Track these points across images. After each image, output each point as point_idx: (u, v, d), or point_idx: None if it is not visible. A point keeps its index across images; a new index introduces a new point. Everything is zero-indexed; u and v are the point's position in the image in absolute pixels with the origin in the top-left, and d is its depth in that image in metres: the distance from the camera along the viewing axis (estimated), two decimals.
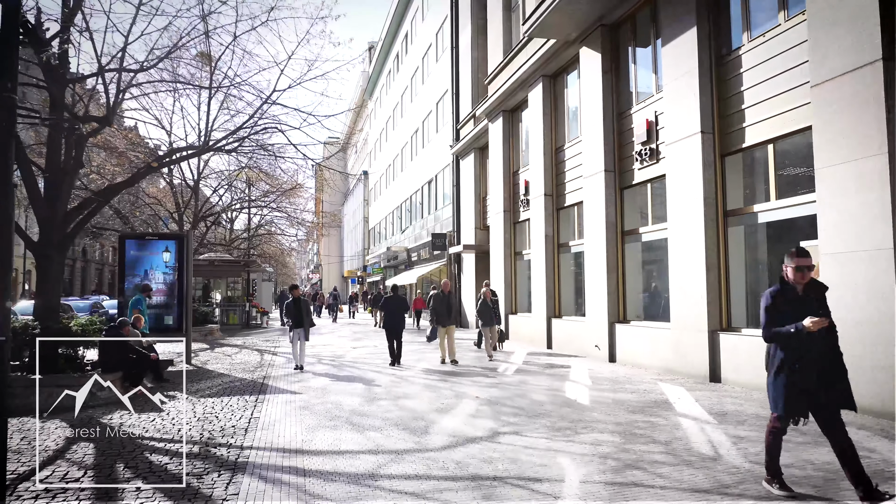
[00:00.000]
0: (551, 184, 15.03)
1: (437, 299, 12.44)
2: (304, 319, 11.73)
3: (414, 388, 9.34)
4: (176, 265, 12.73)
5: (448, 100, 26.19)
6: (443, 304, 12.29)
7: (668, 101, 10.32)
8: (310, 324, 12.11)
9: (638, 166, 11.51)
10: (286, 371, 11.51)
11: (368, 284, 50.59)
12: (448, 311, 12.26)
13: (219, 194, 21.99)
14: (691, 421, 6.70)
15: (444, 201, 27.12)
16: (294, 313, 11.80)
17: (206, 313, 20.77)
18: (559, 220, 15.00)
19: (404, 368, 11.71)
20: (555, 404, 7.78)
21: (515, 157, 17.90)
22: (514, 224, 17.77)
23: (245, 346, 16.86)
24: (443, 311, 12.24)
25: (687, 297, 9.64)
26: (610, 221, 12.12)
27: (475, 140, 21.86)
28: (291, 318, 11.87)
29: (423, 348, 15.47)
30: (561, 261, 14.93)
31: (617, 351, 11.83)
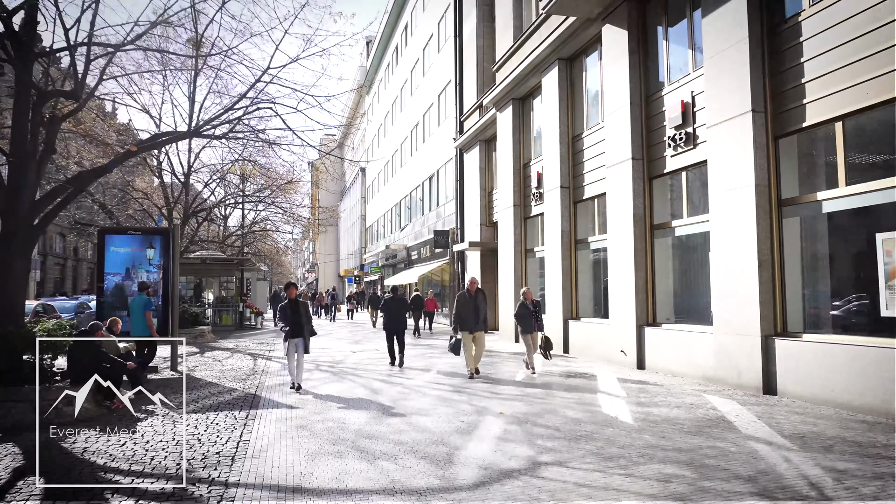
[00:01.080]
0: (568, 175, 13.93)
1: (461, 301, 10.26)
2: (303, 326, 9.35)
3: (426, 401, 8.22)
4: (161, 262, 11.62)
5: (451, 91, 25.08)
6: (468, 307, 10.18)
7: (709, 79, 9.22)
8: (310, 332, 9.57)
9: (671, 153, 10.42)
10: (281, 379, 10.37)
11: (366, 284, 49.44)
12: (475, 315, 10.14)
13: (210, 188, 20.78)
14: (766, 446, 5.60)
15: (446, 197, 26.00)
16: (291, 318, 9.30)
17: (197, 314, 19.59)
18: (576, 214, 13.90)
19: (412, 377, 10.60)
20: (595, 423, 6.68)
21: (526, 148, 16.80)
22: (525, 219, 16.67)
23: (237, 350, 15.71)
24: (468, 315, 10.14)
25: (733, 297, 8.55)
26: (637, 214, 11.02)
27: (481, 132, 20.76)
28: (287, 324, 9.28)
29: (428, 353, 14.35)
30: (579, 258, 13.83)
31: (646, 357, 10.74)
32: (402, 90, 35.98)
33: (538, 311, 10.68)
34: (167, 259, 11.56)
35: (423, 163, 30.00)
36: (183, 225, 19.74)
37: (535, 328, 10.53)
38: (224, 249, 29.33)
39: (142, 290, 10.37)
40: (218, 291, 25.78)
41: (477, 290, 10.36)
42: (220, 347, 16.43)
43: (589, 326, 12.80)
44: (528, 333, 10.48)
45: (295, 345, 9.33)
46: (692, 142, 9.88)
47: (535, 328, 10.53)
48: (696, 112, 9.85)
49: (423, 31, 30.37)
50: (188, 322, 19.02)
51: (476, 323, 10.18)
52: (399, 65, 37.00)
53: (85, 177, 9.87)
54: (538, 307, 10.77)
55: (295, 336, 9.30)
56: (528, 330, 10.48)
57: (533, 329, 10.51)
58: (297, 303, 9.53)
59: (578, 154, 13.72)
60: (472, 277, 10.66)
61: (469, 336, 10.16)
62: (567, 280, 13.72)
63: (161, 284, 11.54)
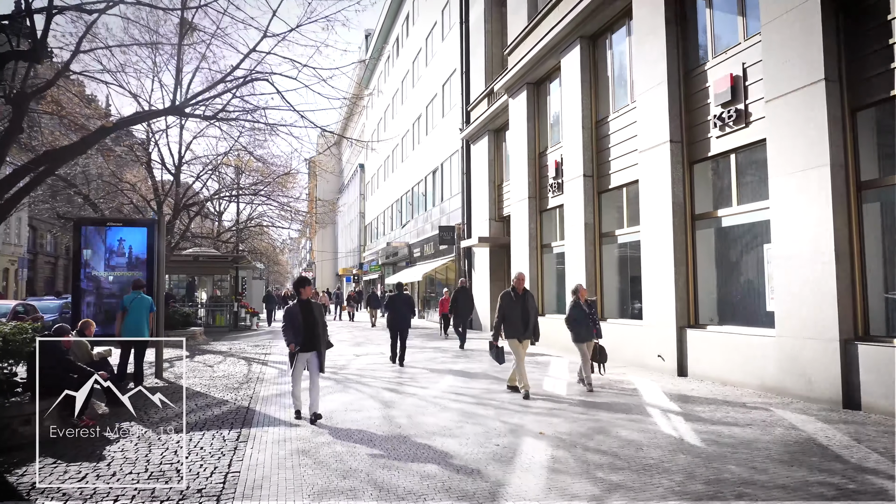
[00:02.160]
0: (591, 163, 12.77)
1: (506, 302, 8.23)
2: (318, 337, 6.94)
3: (448, 416, 7.05)
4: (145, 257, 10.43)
5: (456, 80, 23.92)
6: (515, 309, 8.15)
7: (767, 47, 8.07)
8: (326, 344, 7.16)
9: (716, 134, 9.27)
10: (278, 388, 9.19)
11: (364, 283, 48.25)
12: (524, 320, 8.17)
13: (202, 180, 19.56)
14: (889, 482, 4.46)
15: (451, 192, 24.83)
16: (303, 326, 6.85)
17: (188, 314, 18.38)
18: (601, 205, 12.74)
19: (426, 385, 9.44)
20: (659, 447, 5.52)
21: (542, 136, 15.63)
22: (541, 212, 15.52)
23: (231, 354, 14.52)
24: (516, 319, 8.16)
25: (802, 295, 7.40)
26: (677, 203, 9.87)
27: (489, 121, 19.59)
28: (297, 335, 6.84)
29: (440, 357, 13.16)
30: (604, 253, 12.68)
31: (688, 362, 9.59)
32: (403, 82, 34.80)
33: (594, 314, 8.88)
34: (152, 253, 10.38)
35: (426, 156, 28.83)
36: (173, 219, 18.51)
37: (592, 335, 8.73)
38: (218, 246, 28.13)
39: (138, 289, 9.18)
40: (211, 290, 24.57)
41: (525, 289, 8.39)
42: (213, 350, 15.24)
43: (617, 328, 11.63)
44: (584, 342, 8.60)
45: (305, 362, 6.94)
46: (744, 119, 8.73)
47: (592, 335, 8.73)
48: (748, 86, 8.70)
49: (426, 20, 29.19)
50: (179, 323, 17.81)
51: (525, 329, 8.19)
52: (400, 56, 35.81)
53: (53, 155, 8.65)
54: (594, 309, 8.96)
55: (307, 349, 6.88)
56: (584, 337, 8.61)
57: (590, 336, 8.69)
58: (310, 305, 7.04)
59: (603, 140, 12.56)
60: (519, 273, 8.56)
61: (516, 343, 8.23)
62: (591, 277, 12.56)
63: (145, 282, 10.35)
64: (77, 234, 10.19)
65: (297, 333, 6.82)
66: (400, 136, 36.24)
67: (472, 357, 13.01)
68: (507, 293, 8.34)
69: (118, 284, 10.19)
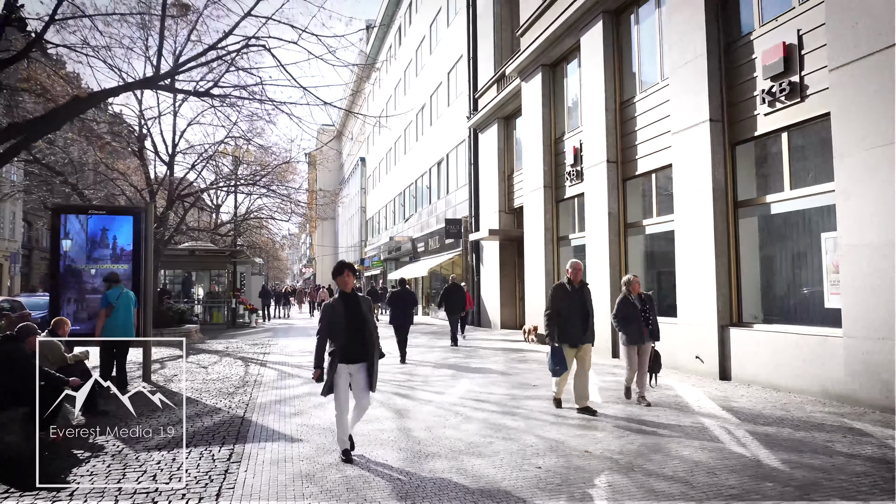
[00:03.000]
0: (615, 148, 11.82)
1: (559, 296, 6.72)
2: (368, 344, 5.07)
3: (472, 428, 6.13)
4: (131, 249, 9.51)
5: (463, 67, 22.94)
6: (573, 305, 6.64)
7: (829, 10, 7.13)
8: (379, 353, 5.23)
9: (764, 110, 8.33)
10: (277, 394, 8.27)
11: (366, 278, 47.34)
12: (583, 319, 6.68)
13: (196, 170, 18.57)
14: None
15: (457, 183, 23.88)
16: (346, 329, 5.01)
17: (183, 311, 17.45)
18: (626, 193, 11.80)
19: (441, 389, 8.52)
20: (734, 472, 4.60)
21: (559, 121, 14.68)
22: (558, 203, 14.57)
23: (227, 353, 13.60)
24: (573, 317, 6.63)
25: (879, 289, 6.47)
26: (718, 189, 8.93)
27: (499, 108, 18.63)
28: (338, 341, 4.99)
29: (451, 356, 12.24)
30: (630, 245, 11.74)
31: (731, 365, 8.67)
32: (405, 72, 33.80)
33: (650, 312, 7.15)
34: (139, 245, 9.45)
35: (430, 147, 27.86)
36: (167, 210, 17.56)
37: (644, 337, 7.11)
38: (216, 241, 27.22)
39: (114, 282, 8.24)
40: (209, 286, 23.65)
41: (583, 282, 6.87)
42: (208, 350, 14.32)
43: None
44: (636, 345, 7.04)
45: (351, 375, 5.05)
46: (799, 93, 7.78)
47: (644, 337, 7.11)
48: (804, 55, 7.75)
49: (430, 7, 28.19)
50: (173, 320, 16.90)
51: (584, 331, 6.67)
52: (402, 46, 34.80)
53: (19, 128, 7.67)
54: (649, 305, 7.20)
55: (351, 360, 4.99)
56: (636, 339, 7.02)
57: (643, 339, 7.07)
58: (356, 300, 5.13)
59: (629, 122, 11.61)
60: (574, 262, 6.84)
61: (572, 351, 6.66)
62: (616, 272, 11.62)
63: (131, 276, 9.43)
64: (56, 222, 9.27)
65: (336, 337, 4.99)
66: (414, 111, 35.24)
67: (482, 356, 12.09)
68: (560, 286, 6.83)
69: (101, 278, 9.26)
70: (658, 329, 7.27)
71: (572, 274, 6.81)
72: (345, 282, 5.13)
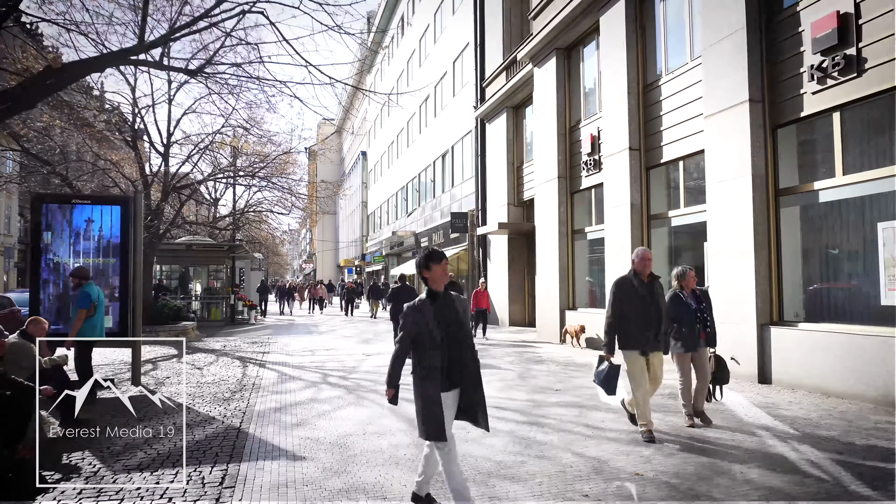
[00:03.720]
0: (638, 134, 11.07)
1: (624, 291, 5.45)
2: (468, 362, 3.65)
3: (499, 443, 5.39)
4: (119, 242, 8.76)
5: (469, 56, 22.15)
6: (643, 306, 5.39)
7: None
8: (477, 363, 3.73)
9: (813, 88, 7.57)
10: (277, 400, 7.55)
11: (367, 274, 46.64)
12: (655, 321, 5.42)
13: (192, 161, 17.78)
14: None
15: (463, 176, 23.13)
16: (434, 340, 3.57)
17: (179, 308, 16.71)
18: (650, 182, 11.05)
19: None
20: (818, 501, 3.87)
21: (575, 108, 13.91)
22: (572, 194, 13.82)
23: (224, 352, 12.88)
24: (643, 319, 5.38)
25: None
26: (758, 176, 8.18)
27: (508, 97, 17.87)
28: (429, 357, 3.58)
29: None
30: (653, 237, 11.00)
31: (772, 367, 7.94)
32: (408, 62, 32.99)
33: (706, 312, 5.94)
34: (127, 237, 8.71)
35: (434, 139, 27.08)
36: (162, 202, 16.81)
37: (701, 342, 5.85)
38: (215, 235, 26.48)
39: (85, 279, 7.50)
40: (207, 282, 22.91)
41: (653, 274, 5.56)
42: (205, 349, 13.60)
43: None
44: (691, 351, 5.80)
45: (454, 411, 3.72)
46: (855, 68, 7.03)
47: (701, 342, 5.85)
48: (861, 25, 7.00)
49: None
50: (169, 317, 16.18)
51: (655, 336, 5.40)
52: (405, 36, 33.97)
53: None
54: (705, 303, 5.97)
55: (450, 385, 3.63)
56: (691, 345, 5.77)
57: (698, 344, 5.81)
58: (451, 303, 3.69)
59: (653, 107, 10.85)
60: (642, 251, 5.55)
61: (640, 360, 5.40)
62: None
63: (119, 270, 8.70)
64: (37, 213, 8.52)
65: (423, 353, 3.58)
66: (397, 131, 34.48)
67: (494, 355, 11.36)
68: (625, 280, 5.52)
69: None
70: (716, 332, 6.04)
71: (639, 264, 5.48)
72: (437, 277, 3.57)
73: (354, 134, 56.66)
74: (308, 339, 16.12)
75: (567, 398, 7.34)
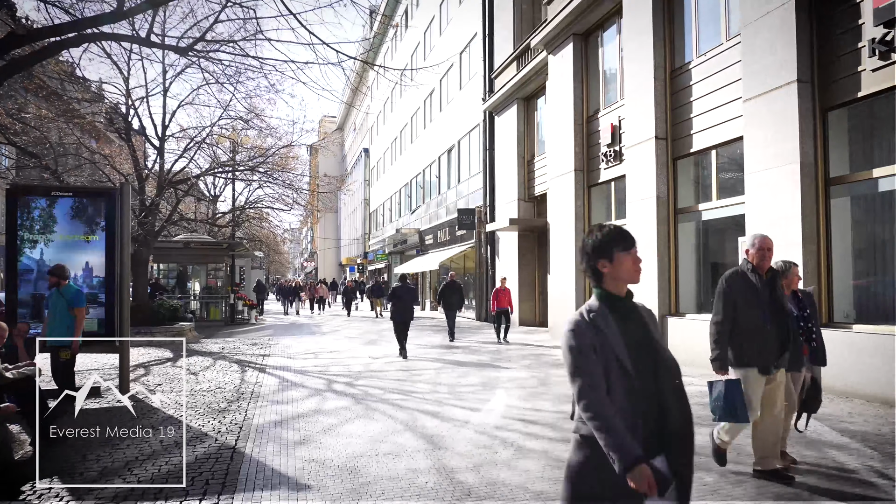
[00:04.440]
0: (664, 122, 10.32)
1: (742, 290, 4.16)
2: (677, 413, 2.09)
3: (534, 467, 4.65)
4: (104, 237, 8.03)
5: (476, 47, 21.40)
6: (763, 307, 4.11)
7: None
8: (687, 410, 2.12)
9: (873, 65, 6.81)
10: (278, 412, 6.82)
11: (369, 272, 45.92)
12: (781, 329, 4.12)
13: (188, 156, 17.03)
14: None
15: (469, 171, 22.38)
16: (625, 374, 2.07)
17: (176, 308, 15.98)
18: (677, 173, 10.30)
19: (476, 404, 7.05)
20: None
21: (593, 96, 13.16)
22: (590, 187, 13.07)
23: (223, 355, 12.15)
24: (765, 325, 4.08)
25: None
26: (806, 164, 7.44)
27: (519, 88, 17.12)
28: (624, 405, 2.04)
29: (475, 359, 10.74)
30: (680, 233, 10.25)
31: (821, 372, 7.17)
32: (412, 56, 32.18)
33: (812, 320, 4.67)
34: (113, 231, 7.99)
35: (439, 135, 26.32)
36: (157, 197, 16.09)
37: (804, 359, 4.43)
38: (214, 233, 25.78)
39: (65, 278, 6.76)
40: (205, 281, 22.19)
41: (773, 267, 4.34)
42: (202, 351, 12.88)
43: (697, 326, 9.23)
44: (794, 371, 4.37)
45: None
46: None
47: (804, 359, 4.43)
48: None
49: None
50: (165, 318, 15.44)
51: (781, 349, 4.13)
52: (409, 28, 33.20)
53: None
54: (809, 307, 4.72)
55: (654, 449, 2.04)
56: (795, 363, 4.26)
57: (801, 362, 4.35)
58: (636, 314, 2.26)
59: (682, 93, 10.10)
60: (760, 238, 4.25)
61: (760, 381, 4.10)
62: (665, 264, 10.15)
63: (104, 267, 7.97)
64: (11, 207, 7.78)
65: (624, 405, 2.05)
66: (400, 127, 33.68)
67: (509, 358, 10.62)
68: (739, 274, 4.26)
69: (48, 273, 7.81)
70: (824, 347, 4.70)
71: (757, 256, 4.20)
72: (624, 272, 2.26)
73: (357, 130, 55.93)
74: (310, 340, 15.40)
75: None
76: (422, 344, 13.44)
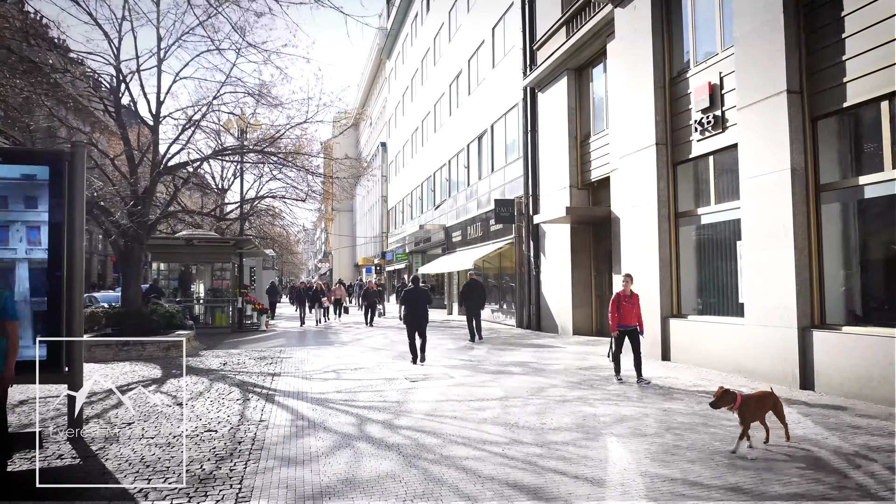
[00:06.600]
0: (798, 73, 7.77)
1: None
2: None
3: None
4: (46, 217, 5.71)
5: (513, 16, 18.92)
6: None
7: None
8: None
9: None
10: (289, 480, 4.40)
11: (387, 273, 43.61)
12: None
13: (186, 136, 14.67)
14: None
15: (505, 159, 19.91)
16: None
17: (172, 314, 13.64)
18: (817, 140, 7.74)
19: (598, 477, 4.59)
20: None
21: (677, 53, 10.65)
22: (675, 165, 10.56)
23: (223, 374, 9.81)
24: None
25: None
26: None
27: (570, 56, 14.64)
28: None
29: (543, 383, 8.24)
30: (823, 216, 7.68)
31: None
32: (435, 39, 29.77)
33: None
34: (60, 210, 5.66)
35: (468, 121, 23.87)
36: (152, 185, 13.80)
37: None
38: (223, 230, 23.55)
39: None
40: (210, 282, 19.89)
41: None
42: (198, 367, 10.56)
43: (863, 342, 6.65)
44: None
45: None
46: None
47: None
48: None
49: None
50: (159, 325, 13.11)
51: None
52: (430, 11, 30.80)
53: None
54: None
55: None
56: None
57: None
58: None
59: (822, 31, 7.54)
60: None
61: None
62: (802, 257, 7.58)
63: (46, 259, 5.65)
64: None
65: None
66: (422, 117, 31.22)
67: (591, 384, 8.13)
68: None
69: None
70: None
71: None
72: None
73: (373, 125, 53.68)
74: (328, 353, 13.01)
75: (783, 468, 4.09)
76: (467, 360, 11.02)
